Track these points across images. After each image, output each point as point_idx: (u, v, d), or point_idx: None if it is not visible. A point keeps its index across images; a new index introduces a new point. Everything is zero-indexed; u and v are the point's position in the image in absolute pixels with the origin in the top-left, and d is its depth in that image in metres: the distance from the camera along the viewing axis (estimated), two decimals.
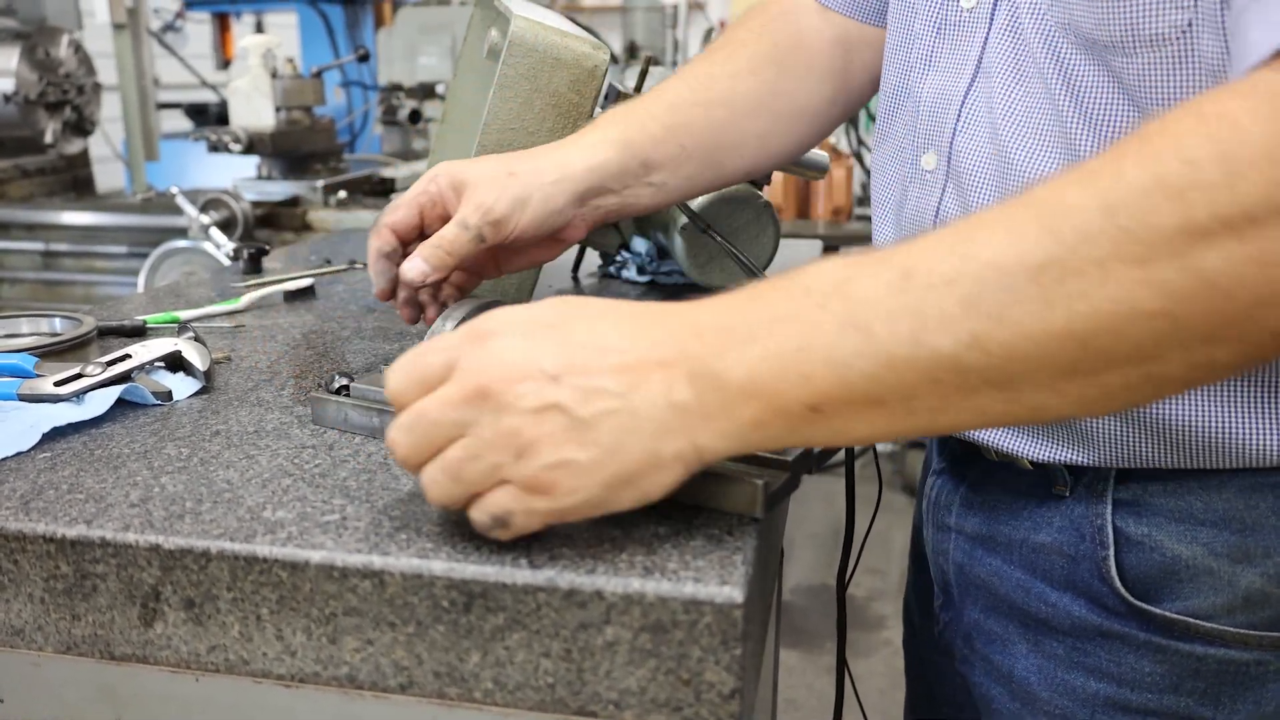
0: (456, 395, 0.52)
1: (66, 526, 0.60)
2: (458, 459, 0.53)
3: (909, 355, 0.48)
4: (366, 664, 0.57)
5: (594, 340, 0.52)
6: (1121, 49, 0.61)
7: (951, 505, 0.81)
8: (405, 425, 0.54)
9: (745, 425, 0.52)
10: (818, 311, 0.50)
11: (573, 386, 0.51)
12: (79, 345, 0.91)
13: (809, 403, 0.50)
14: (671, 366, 0.51)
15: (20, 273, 2.53)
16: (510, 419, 0.51)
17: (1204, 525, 0.66)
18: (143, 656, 0.60)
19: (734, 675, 0.53)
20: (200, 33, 4.82)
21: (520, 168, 0.82)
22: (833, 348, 0.49)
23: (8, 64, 2.59)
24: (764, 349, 0.51)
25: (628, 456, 0.52)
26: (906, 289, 0.49)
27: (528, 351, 0.52)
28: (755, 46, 0.93)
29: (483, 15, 1.15)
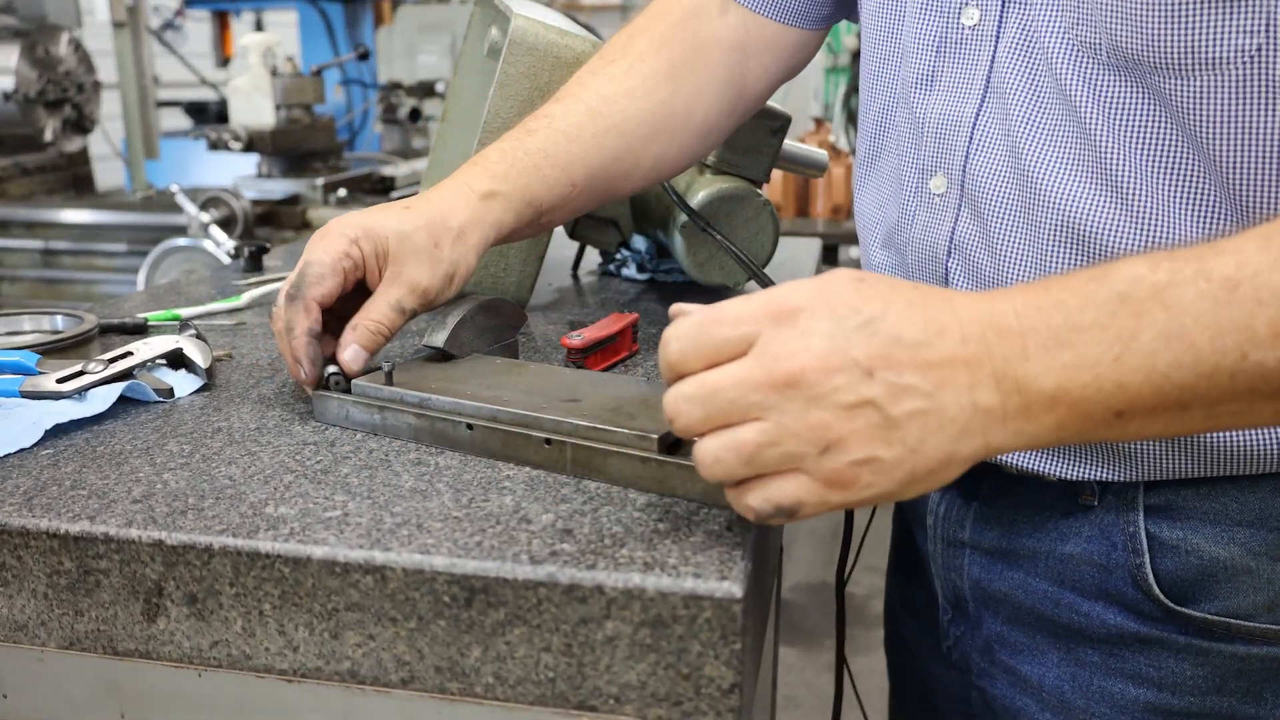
0: (761, 378, 0.50)
1: (70, 523, 0.60)
2: (754, 442, 0.50)
3: (1233, 369, 0.49)
4: (368, 659, 0.58)
5: (902, 331, 0.50)
6: (1174, 72, 0.60)
7: (964, 521, 0.80)
8: (694, 396, 0.51)
9: (1044, 428, 0.52)
10: (1134, 320, 0.50)
11: (885, 382, 0.50)
12: (81, 343, 0.91)
13: (1117, 409, 0.51)
14: (978, 367, 0.51)
15: (20, 270, 2.53)
16: (821, 412, 0.49)
17: (1240, 525, 0.66)
18: (146, 652, 0.61)
19: (733, 670, 0.53)
20: (200, 31, 4.82)
21: (443, 237, 0.77)
22: (1152, 357, 0.49)
23: (8, 62, 2.59)
24: (1077, 356, 0.50)
25: (929, 456, 0.51)
26: (1232, 301, 0.49)
27: (837, 339, 0.50)
28: (653, 61, 0.90)
29: (483, 14, 1.16)
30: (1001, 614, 0.77)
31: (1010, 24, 0.68)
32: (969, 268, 0.72)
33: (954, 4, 0.72)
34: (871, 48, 0.82)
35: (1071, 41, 0.64)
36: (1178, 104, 0.61)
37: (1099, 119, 0.64)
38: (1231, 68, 0.58)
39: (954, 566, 0.81)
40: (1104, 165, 0.64)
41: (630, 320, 0.92)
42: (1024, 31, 0.67)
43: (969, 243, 0.72)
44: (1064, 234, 0.66)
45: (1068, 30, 0.64)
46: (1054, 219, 0.66)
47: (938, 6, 0.73)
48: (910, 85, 0.76)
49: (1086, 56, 0.64)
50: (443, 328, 0.79)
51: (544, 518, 0.60)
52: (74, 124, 2.82)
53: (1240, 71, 0.58)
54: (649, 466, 0.63)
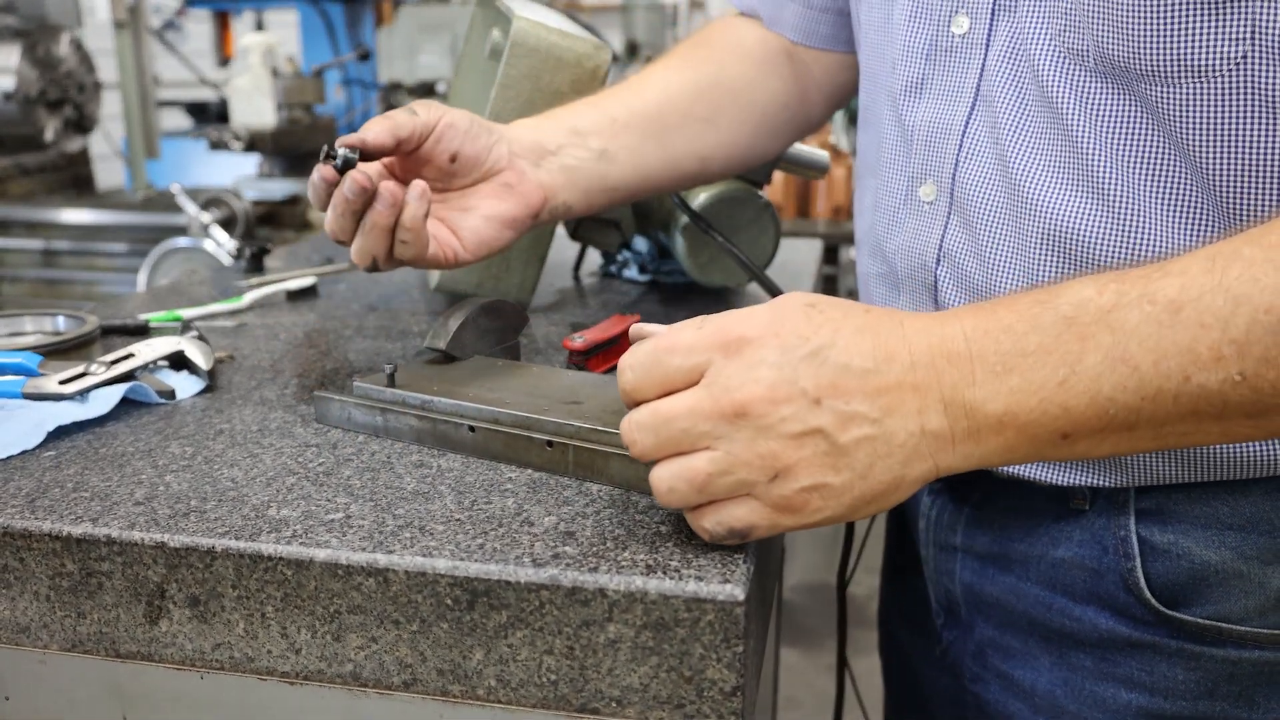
0: (710, 409, 0.52)
1: (72, 525, 0.60)
2: (705, 471, 0.52)
3: (1176, 391, 0.50)
4: (370, 661, 0.58)
5: (850, 359, 0.52)
6: (1160, 78, 0.60)
7: (956, 525, 0.80)
8: (647, 425, 0.53)
9: (992, 450, 0.53)
10: (1079, 343, 0.51)
11: (832, 410, 0.51)
12: (83, 344, 0.91)
13: (1063, 431, 0.52)
14: (926, 392, 0.52)
15: (20, 271, 2.53)
16: (770, 442, 0.51)
17: (1231, 529, 0.66)
18: (148, 654, 0.61)
19: (736, 673, 0.54)
20: (201, 31, 4.82)
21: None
22: (1097, 380, 0.51)
23: (8, 62, 2.59)
24: (1024, 381, 0.51)
25: (877, 480, 0.52)
26: (1175, 325, 0.50)
27: (785, 369, 0.51)
28: (690, 53, 0.93)
29: (484, 15, 1.16)
30: (993, 618, 0.77)
31: (1000, 32, 0.68)
32: (958, 276, 0.72)
33: (944, 12, 0.72)
34: (865, 58, 0.82)
35: (1059, 48, 0.64)
36: (1164, 112, 0.61)
37: (1086, 127, 0.64)
38: (1217, 75, 0.58)
39: (946, 571, 0.81)
40: (1091, 173, 0.64)
41: (631, 322, 0.92)
42: (1013, 39, 0.67)
43: (958, 251, 0.72)
44: (1052, 242, 0.66)
45: (1055, 37, 0.64)
46: (1042, 227, 0.67)
47: (927, 14, 0.73)
48: (899, 93, 0.76)
49: (1074, 63, 0.64)
50: (444, 330, 0.79)
51: (546, 520, 0.60)
52: (75, 124, 2.82)
53: (1226, 79, 0.58)
54: (651, 469, 0.63)
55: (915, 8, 0.74)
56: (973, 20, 0.70)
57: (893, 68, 0.77)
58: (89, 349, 0.92)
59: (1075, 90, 0.64)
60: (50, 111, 2.73)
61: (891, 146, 0.78)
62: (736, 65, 0.93)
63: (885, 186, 0.79)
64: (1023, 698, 0.75)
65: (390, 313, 1.11)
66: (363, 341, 1.00)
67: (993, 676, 0.78)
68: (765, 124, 0.95)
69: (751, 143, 0.95)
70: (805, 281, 1.34)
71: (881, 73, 0.79)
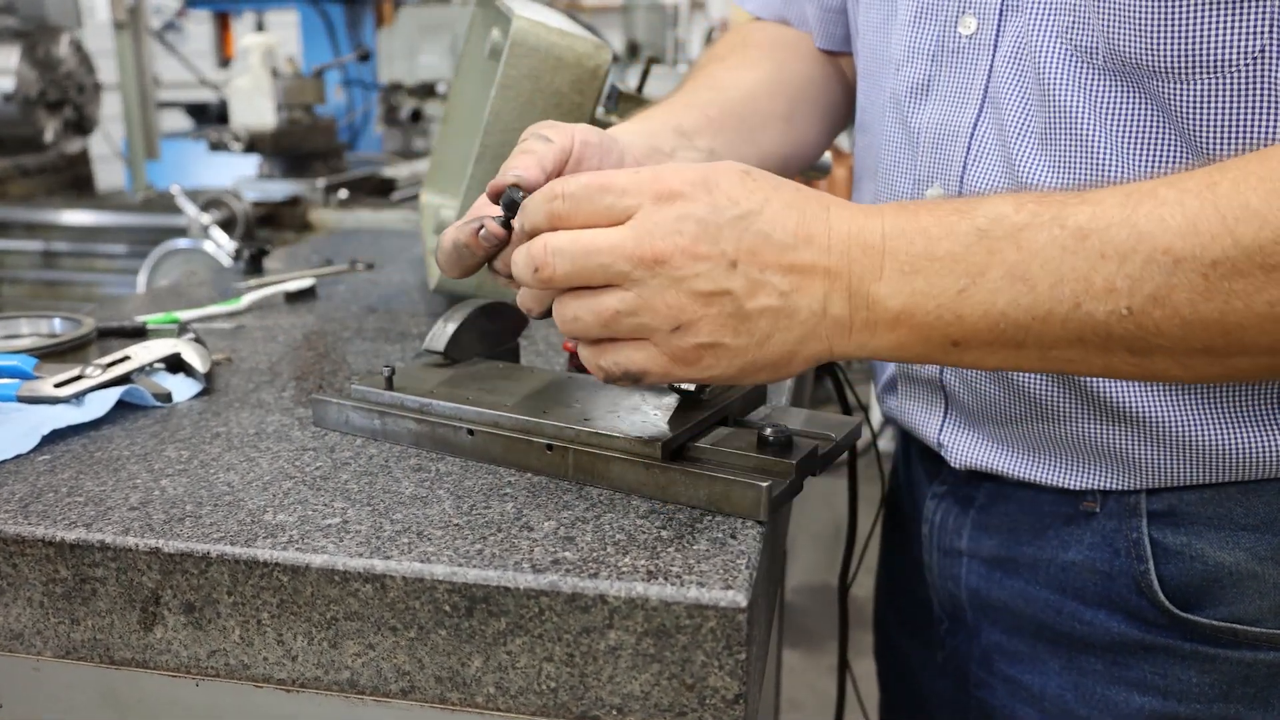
0: (632, 250, 0.52)
1: (66, 530, 0.60)
2: (613, 309, 0.53)
3: (1065, 315, 0.51)
4: (368, 669, 0.57)
5: (773, 231, 0.53)
6: (1174, 75, 0.59)
7: (961, 530, 0.79)
8: (565, 252, 0.54)
9: (885, 344, 0.54)
10: (986, 256, 0.52)
11: (745, 276, 0.52)
12: (79, 346, 0.91)
13: (954, 338, 0.53)
14: (835, 278, 0.54)
15: (20, 272, 2.52)
16: (680, 295, 0.52)
17: (1245, 530, 0.66)
18: (143, 661, 0.60)
19: (738, 680, 0.53)
20: (201, 32, 4.81)
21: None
22: (993, 294, 0.52)
23: (8, 63, 2.58)
24: (927, 284, 0.53)
25: (772, 349, 0.54)
26: (1078, 251, 0.51)
27: (710, 228, 0.52)
28: (743, 53, 0.93)
29: (484, 15, 1.15)
30: (1000, 623, 0.77)
31: (1008, 32, 0.68)
32: None
33: (950, 13, 0.71)
34: (864, 61, 0.81)
35: (1067, 47, 0.64)
36: (1177, 109, 0.60)
37: (1095, 127, 0.63)
38: (1233, 71, 0.57)
39: (951, 576, 0.81)
40: (1101, 174, 0.64)
41: None
42: (1019, 39, 0.67)
43: None
44: None
45: (1062, 35, 0.64)
46: None
47: (933, 16, 0.72)
48: (903, 96, 0.75)
49: (1082, 62, 0.63)
50: (443, 332, 0.78)
51: (546, 525, 0.59)
52: (74, 125, 2.81)
53: (1241, 74, 0.57)
54: (652, 473, 0.62)
55: (920, 9, 0.73)
56: (980, 21, 0.69)
57: (896, 70, 0.76)
58: (85, 351, 0.91)
59: (1083, 89, 0.63)
60: (50, 112, 2.72)
61: (895, 149, 0.77)
62: (795, 63, 0.93)
63: (888, 190, 0.78)
64: (1031, 702, 0.75)
65: (389, 314, 1.10)
66: (361, 343, 0.99)
67: (999, 682, 0.77)
68: (831, 119, 0.96)
69: (820, 140, 0.96)
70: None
71: (883, 75, 0.78)
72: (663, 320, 0.53)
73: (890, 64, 0.76)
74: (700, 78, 0.91)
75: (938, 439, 0.77)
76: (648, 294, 0.53)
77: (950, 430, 0.76)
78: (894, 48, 0.76)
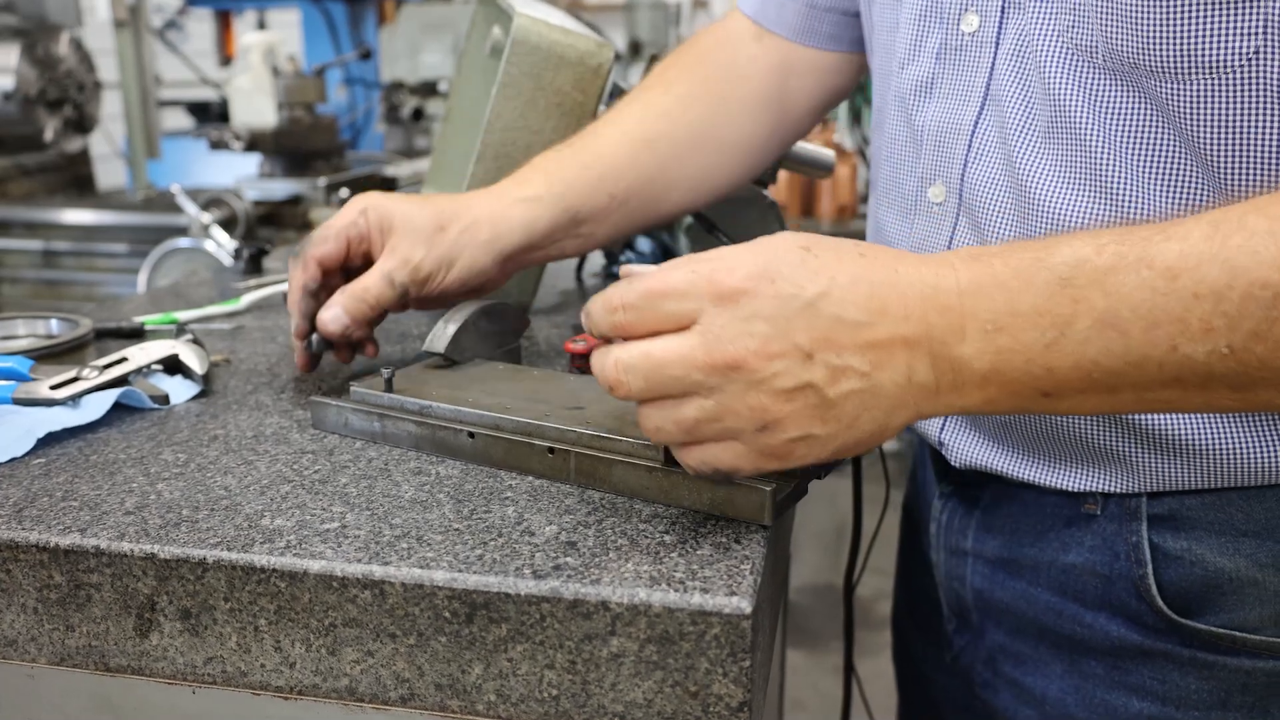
0: (704, 360, 0.51)
1: (60, 535, 0.59)
2: (694, 418, 0.52)
3: (1161, 359, 0.50)
4: (367, 676, 0.56)
5: (844, 311, 0.51)
6: (1172, 75, 0.58)
7: (967, 529, 0.78)
8: (637, 368, 0.52)
9: (974, 402, 0.53)
10: (1071, 306, 0.50)
11: (824, 365, 0.51)
12: (76, 348, 0.90)
13: (1045, 390, 0.52)
14: (916, 346, 0.52)
15: (20, 272, 2.52)
16: (760, 396, 0.51)
17: (1246, 536, 0.65)
18: (138, 668, 0.59)
19: (743, 688, 0.52)
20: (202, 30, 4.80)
21: (451, 223, 0.78)
22: (1083, 344, 0.50)
23: (8, 61, 2.58)
24: (1012, 341, 0.51)
25: (861, 430, 0.53)
26: (1170, 292, 0.49)
27: (779, 323, 0.51)
28: (688, 83, 0.91)
29: (485, 13, 1.14)
30: (1004, 624, 0.76)
31: (1009, 30, 0.67)
32: None
33: (953, 10, 0.70)
34: (877, 60, 0.81)
35: (1068, 46, 0.63)
36: (1174, 109, 0.59)
37: (1094, 126, 0.63)
38: (1229, 71, 0.57)
39: (957, 575, 0.80)
40: (1100, 174, 0.63)
41: None
42: (1021, 37, 0.66)
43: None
44: None
45: (1063, 34, 0.63)
46: (1049, 229, 0.66)
47: (937, 13, 0.72)
48: (908, 93, 0.75)
49: (1083, 61, 0.62)
50: (444, 333, 0.77)
51: (547, 529, 0.59)
52: (75, 124, 2.80)
53: (1237, 75, 0.57)
54: (654, 476, 0.61)
55: (924, 6, 0.73)
56: (982, 18, 0.68)
57: (901, 68, 0.75)
58: (82, 353, 0.90)
59: (1083, 88, 0.63)
60: (50, 111, 2.72)
61: (901, 147, 0.77)
62: (728, 102, 0.91)
63: (896, 188, 0.78)
64: (1033, 705, 0.74)
65: (389, 315, 1.09)
66: None
67: (1004, 683, 0.77)
68: (750, 164, 0.95)
69: (731, 185, 0.95)
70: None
71: (891, 73, 0.78)
72: (747, 422, 0.52)
73: (897, 62, 0.76)
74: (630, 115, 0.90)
75: (939, 437, 0.76)
76: (727, 400, 0.51)
77: (951, 429, 0.76)
78: (899, 46, 0.75)
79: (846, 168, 3.59)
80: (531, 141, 0.97)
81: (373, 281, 0.77)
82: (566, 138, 0.92)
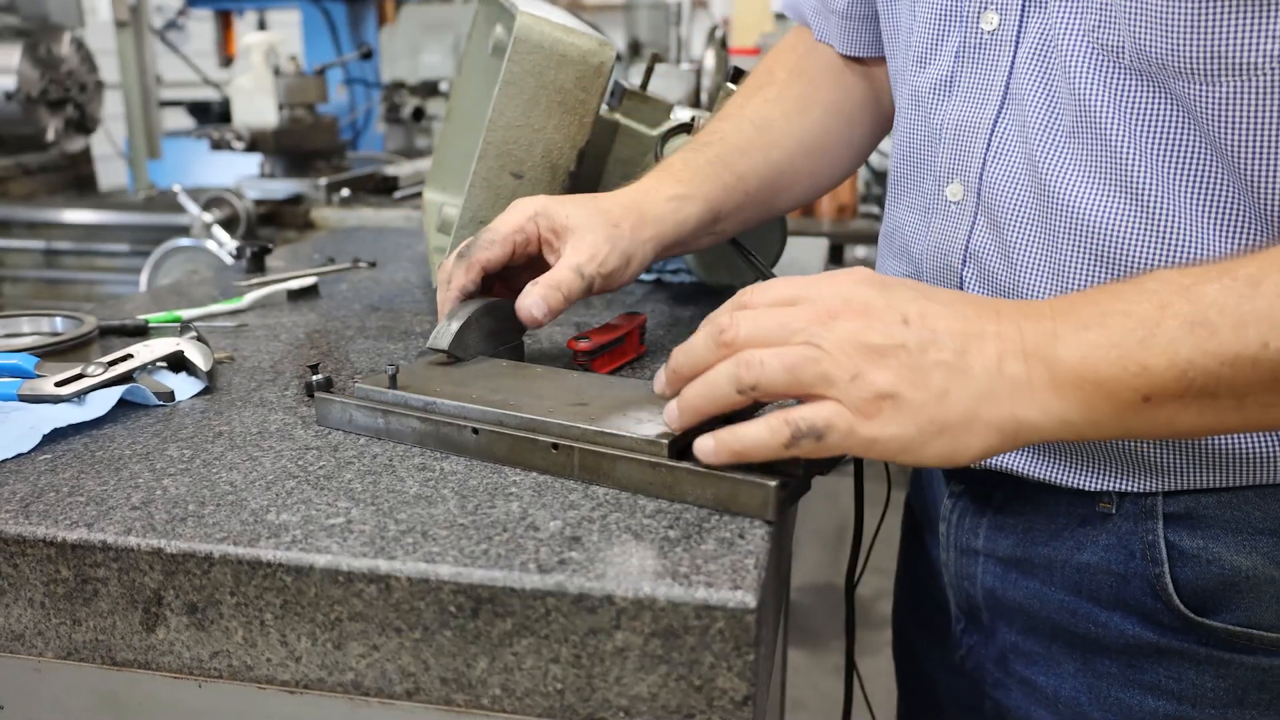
0: (809, 313, 0.55)
1: (67, 530, 0.59)
2: (798, 354, 0.54)
3: (1254, 356, 0.50)
4: (372, 670, 0.56)
5: (939, 300, 0.56)
6: (1199, 76, 0.59)
7: (978, 528, 0.78)
8: (750, 315, 0.56)
9: (1071, 405, 0.53)
10: (1159, 310, 0.52)
11: (919, 331, 0.54)
12: (80, 345, 0.90)
13: (1143, 392, 0.52)
14: (1007, 342, 0.54)
15: (22, 271, 2.52)
16: (856, 344, 0.54)
17: (1263, 534, 0.65)
18: (145, 662, 0.60)
19: (746, 682, 0.52)
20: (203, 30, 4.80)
21: (623, 220, 0.80)
22: (1175, 343, 0.51)
23: (10, 61, 2.58)
24: (1103, 336, 0.53)
25: (950, 407, 0.53)
26: (1255, 296, 0.51)
27: (883, 295, 0.55)
28: (797, 87, 0.94)
29: (487, 12, 1.14)
30: (1016, 623, 0.76)
31: (1030, 28, 0.67)
32: (985, 277, 0.71)
33: (973, 9, 0.70)
34: (897, 61, 0.81)
35: (1092, 45, 0.63)
36: (1201, 110, 0.59)
37: (1118, 125, 0.63)
38: (1258, 74, 0.57)
39: (967, 575, 0.80)
40: (1123, 173, 0.63)
41: (638, 322, 0.91)
42: (1044, 36, 0.66)
43: (985, 252, 0.71)
44: (1082, 244, 0.65)
45: (1088, 33, 0.63)
46: (1072, 228, 0.65)
47: (956, 11, 0.72)
48: (927, 92, 0.75)
49: (1108, 60, 0.62)
50: (448, 330, 0.77)
51: (551, 525, 0.59)
52: (76, 124, 2.80)
53: (1266, 79, 0.57)
54: (659, 471, 0.62)
55: (944, 5, 0.73)
56: (1002, 16, 0.68)
57: (921, 67, 0.76)
58: (87, 350, 0.91)
59: (1109, 88, 0.63)
60: (52, 111, 2.72)
61: (920, 146, 0.77)
62: (837, 106, 0.94)
63: (914, 187, 0.78)
64: (1046, 704, 0.74)
65: (392, 313, 1.09)
66: (364, 342, 0.98)
67: (1015, 683, 0.77)
68: (856, 159, 0.99)
69: (836, 183, 1.00)
70: None
71: (910, 72, 0.78)
72: (842, 365, 0.53)
73: (916, 61, 0.76)
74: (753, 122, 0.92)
75: None
76: (827, 342, 0.54)
77: None
78: (918, 45, 0.76)
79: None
80: (533, 140, 0.97)
81: (565, 276, 0.77)
82: (568, 136, 0.92)
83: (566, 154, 0.99)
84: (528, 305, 0.76)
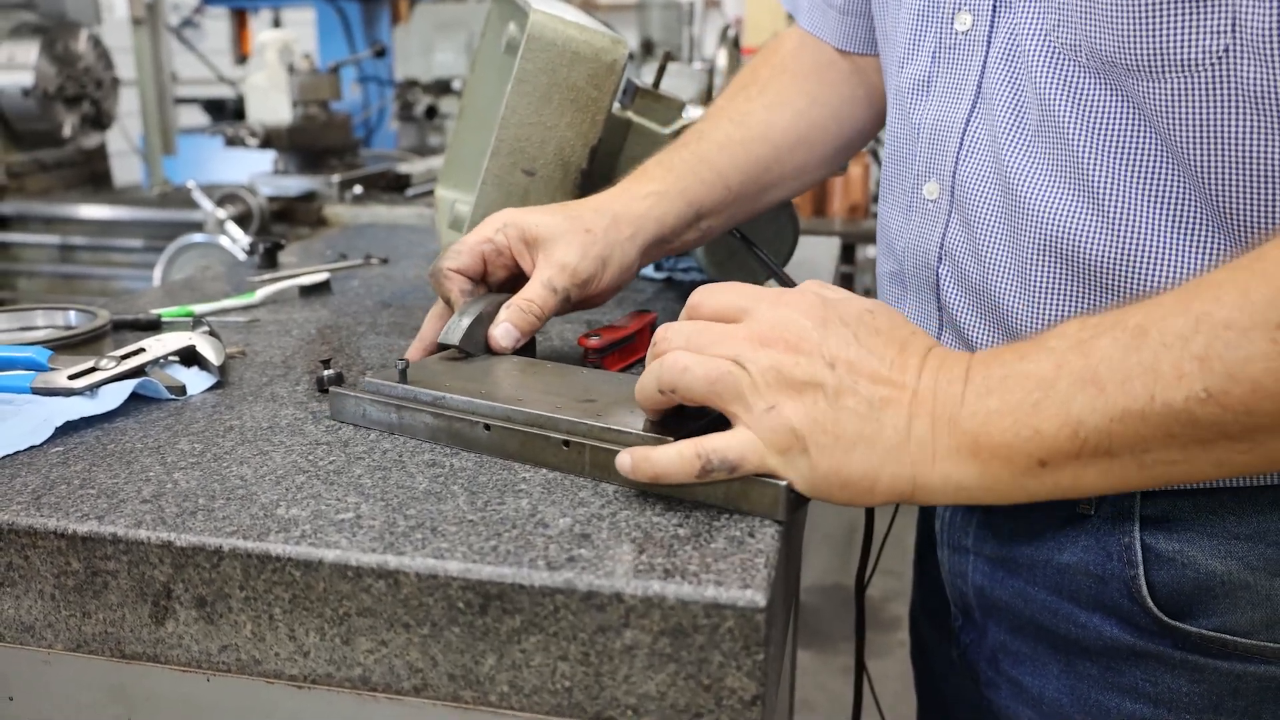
0: (745, 332, 0.57)
1: (78, 522, 0.59)
2: (723, 369, 0.56)
3: (1142, 410, 0.50)
4: (380, 665, 0.56)
5: (872, 352, 0.56)
6: (1146, 74, 0.59)
7: (969, 527, 0.78)
8: (684, 327, 0.60)
9: (970, 474, 0.54)
10: (1055, 370, 0.52)
11: (841, 376, 0.55)
12: (93, 339, 0.90)
13: (1038, 457, 0.53)
14: (920, 401, 0.55)
15: (37, 266, 2.53)
16: (778, 373, 0.55)
17: (1238, 539, 0.64)
18: (154, 655, 0.60)
19: (756, 681, 0.52)
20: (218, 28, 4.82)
21: (594, 225, 0.80)
22: (1067, 403, 0.52)
23: (27, 58, 2.59)
24: (1001, 402, 0.53)
25: (855, 464, 0.55)
26: (1141, 346, 0.50)
27: (816, 332, 0.57)
28: (781, 80, 0.94)
29: (500, 10, 1.14)
30: (1005, 622, 0.76)
31: (1000, 28, 0.68)
32: (958, 275, 0.72)
33: (948, 9, 0.72)
34: (886, 60, 0.82)
35: (1053, 45, 0.63)
36: (1152, 108, 0.59)
37: (1078, 126, 0.63)
38: (1200, 69, 0.56)
39: (959, 573, 0.80)
40: (1083, 174, 0.63)
41: (648, 319, 0.91)
42: (1011, 36, 0.67)
43: (958, 250, 0.72)
44: (1045, 243, 0.66)
45: (1049, 33, 0.63)
46: (1035, 228, 0.66)
47: (933, 12, 0.73)
48: (907, 91, 0.76)
49: (1067, 60, 0.63)
50: (459, 326, 0.77)
51: (561, 521, 0.59)
52: (92, 120, 2.82)
53: (1208, 74, 0.56)
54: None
55: (922, 6, 0.74)
56: (974, 17, 0.70)
57: (900, 66, 0.77)
58: (100, 344, 0.91)
59: (1067, 87, 0.63)
60: (68, 108, 2.73)
61: (903, 144, 0.78)
62: (823, 99, 0.94)
63: (898, 184, 0.79)
64: (1031, 705, 0.74)
65: (404, 309, 1.10)
66: (375, 338, 0.98)
67: (1004, 681, 0.77)
68: (845, 150, 0.98)
69: (827, 175, 0.99)
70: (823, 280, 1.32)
71: (893, 71, 0.79)
72: (760, 395, 0.55)
73: (897, 61, 0.77)
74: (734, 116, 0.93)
75: None
76: (753, 367, 0.56)
77: None
78: (899, 44, 0.76)
79: (859, 167, 3.58)
80: (546, 137, 0.97)
81: (535, 292, 0.78)
82: (581, 133, 0.92)
83: (579, 152, 0.99)
84: (497, 335, 0.78)
